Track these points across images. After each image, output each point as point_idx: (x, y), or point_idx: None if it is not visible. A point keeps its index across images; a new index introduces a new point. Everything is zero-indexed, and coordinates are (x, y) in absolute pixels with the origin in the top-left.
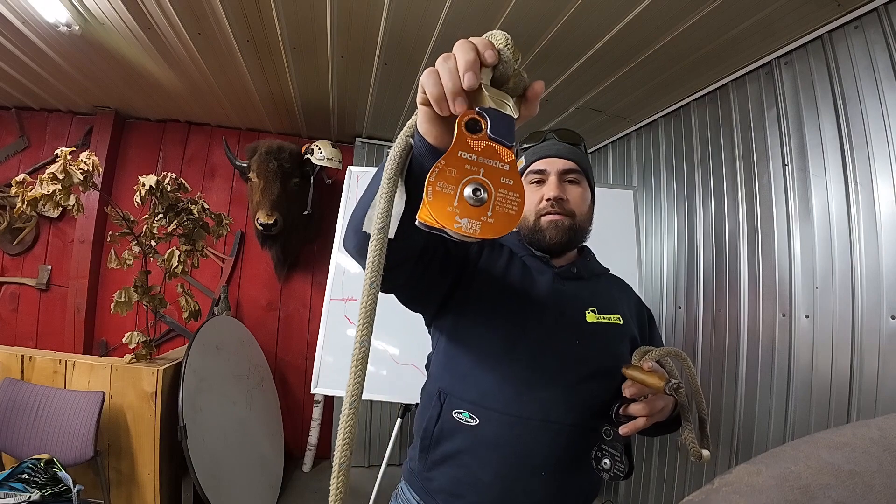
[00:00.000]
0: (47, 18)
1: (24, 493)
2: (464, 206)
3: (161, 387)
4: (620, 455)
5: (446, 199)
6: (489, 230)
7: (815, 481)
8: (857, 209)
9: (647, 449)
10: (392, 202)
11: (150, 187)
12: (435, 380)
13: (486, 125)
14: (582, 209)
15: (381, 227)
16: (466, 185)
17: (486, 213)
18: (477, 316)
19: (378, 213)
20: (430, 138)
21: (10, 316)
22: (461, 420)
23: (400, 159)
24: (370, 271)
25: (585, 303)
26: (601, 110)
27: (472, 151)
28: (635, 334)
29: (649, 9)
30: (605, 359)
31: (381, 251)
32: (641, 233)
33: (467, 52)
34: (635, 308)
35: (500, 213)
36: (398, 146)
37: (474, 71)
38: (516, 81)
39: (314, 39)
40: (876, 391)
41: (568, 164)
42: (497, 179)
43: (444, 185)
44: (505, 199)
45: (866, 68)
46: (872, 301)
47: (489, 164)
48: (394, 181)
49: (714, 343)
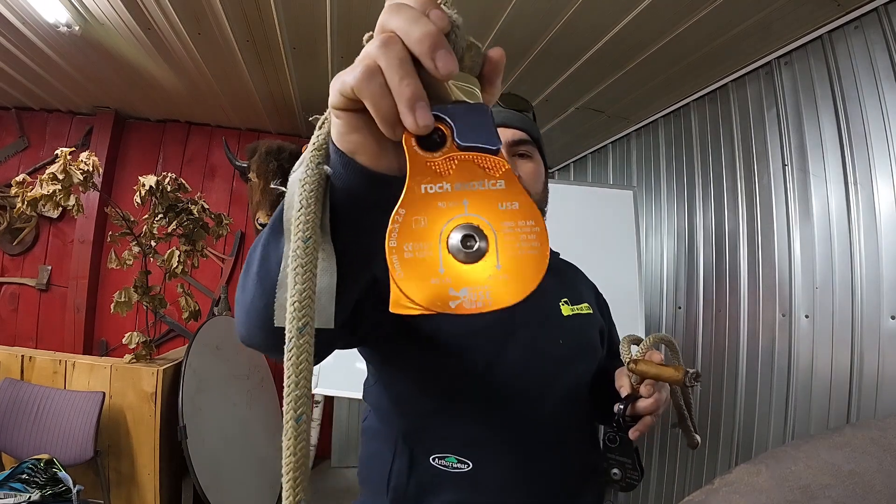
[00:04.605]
0: (47, 18)
1: (24, 493)
2: (455, 269)
3: (161, 387)
4: (632, 462)
5: (425, 268)
6: (507, 292)
7: (815, 481)
8: (857, 209)
9: (647, 449)
10: (314, 278)
11: (150, 187)
12: (390, 420)
13: (451, 131)
14: (537, 188)
15: (303, 326)
16: (450, 235)
17: (491, 267)
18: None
19: (294, 300)
20: (363, 159)
21: (9, 316)
22: (446, 467)
23: (314, 205)
24: (294, 393)
25: (557, 294)
26: (601, 110)
27: (440, 178)
28: (603, 324)
29: (649, 9)
30: (588, 356)
31: (308, 358)
32: (641, 233)
33: (417, 18)
34: (593, 293)
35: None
36: (307, 181)
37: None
38: (472, 56)
39: (314, 39)
40: (876, 391)
41: (517, 135)
42: (493, 209)
43: (416, 247)
44: (515, 236)
45: (866, 68)
46: (872, 301)
47: (474, 188)
48: (312, 242)
49: (714, 343)
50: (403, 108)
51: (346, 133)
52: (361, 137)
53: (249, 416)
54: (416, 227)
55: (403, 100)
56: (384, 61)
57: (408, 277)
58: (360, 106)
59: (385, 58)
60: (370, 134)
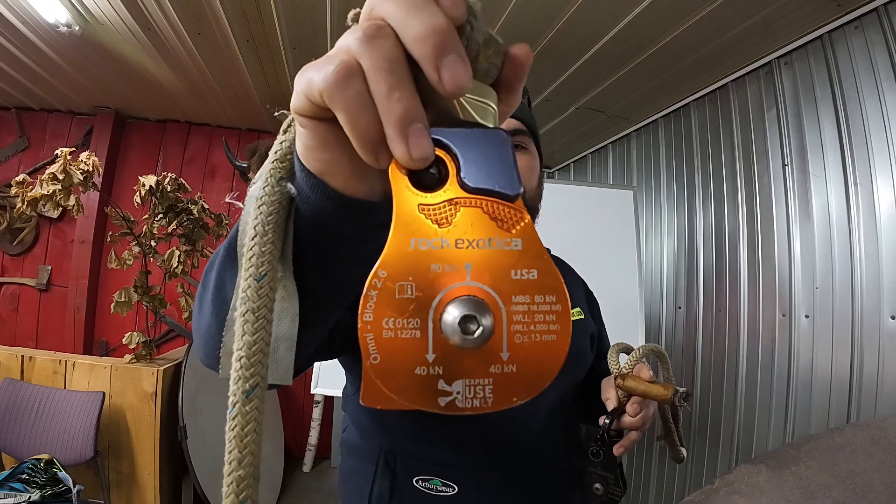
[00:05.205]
0: (47, 18)
1: (24, 493)
2: (448, 356)
3: (161, 387)
4: (615, 477)
5: (409, 353)
6: (513, 389)
7: (815, 481)
8: (857, 209)
9: (647, 449)
10: (268, 326)
11: (150, 187)
12: (370, 436)
13: (456, 166)
14: (531, 183)
15: (252, 388)
16: (444, 310)
17: (496, 355)
18: None
19: (241, 356)
20: (336, 182)
21: (10, 316)
22: (430, 490)
23: (272, 233)
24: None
25: None
26: (601, 110)
27: (436, 231)
28: (594, 329)
29: (649, 9)
30: (577, 366)
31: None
32: (641, 233)
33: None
34: (584, 293)
35: (526, 348)
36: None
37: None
38: (489, 55)
39: (314, 39)
40: (876, 391)
41: (512, 123)
42: (505, 277)
43: (398, 324)
44: (530, 316)
45: (866, 68)
46: (872, 301)
47: (480, 247)
48: (268, 280)
49: (714, 343)
50: (392, 132)
51: (314, 148)
52: (333, 155)
53: None
54: (399, 297)
55: (393, 119)
56: (367, 61)
57: (385, 363)
58: (332, 115)
59: (369, 57)
60: (345, 152)
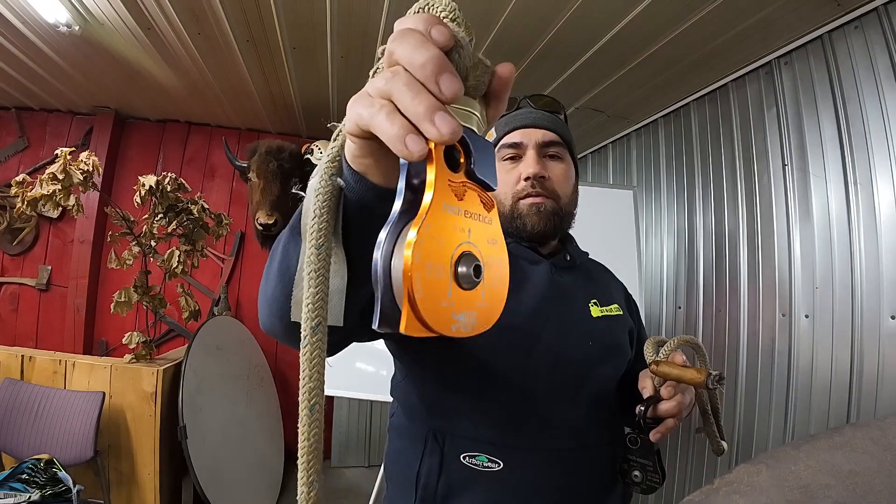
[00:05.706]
0: (47, 18)
1: (24, 493)
2: (457, 294)
3: (161, 387)
4: (653, 464)
5: (438, 290)
6: (485, 319)
7: (815, 481)
8: (857, 209)
9: None
10: (327, 280)
11: (150, 187)
12: (419, 417)
13: (468, 159)
14: (566, 190)
15: (316, 325)
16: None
17: (479, 296)
18: None
19: (307, 301)
20: (374, 178)
21: (9, 316)
22: (477, 466)
23: (327, 214)
24: (308, 385)
25: (587, 295)
26: (601, 110)
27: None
28: (633, 325)
29: (649, 9)
30: (616, 358)
31: (320, 354)
32: (641, 233)
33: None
34: (623, 294)
35: (492, 290)
36: (321, 192)
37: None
38: (478, 75)
39: (314, 39)
40: (876, 391)
41: (548, 136)
42: (484, 243)
43: (433, 267)
44: (494, 270)
45: (866, 68)
46: (872, 301)
47: (475, 219)
48: (325, 248)
49: (714, 343)
50: (422, 122)
51: (359, 156)
52: (373, 160)
53: (249, 415)
54: (435, 247)
55: (420, 114)
56: (395, 91)
57: (423, 299)
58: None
59: (394, 87)
60: (382, 156)
